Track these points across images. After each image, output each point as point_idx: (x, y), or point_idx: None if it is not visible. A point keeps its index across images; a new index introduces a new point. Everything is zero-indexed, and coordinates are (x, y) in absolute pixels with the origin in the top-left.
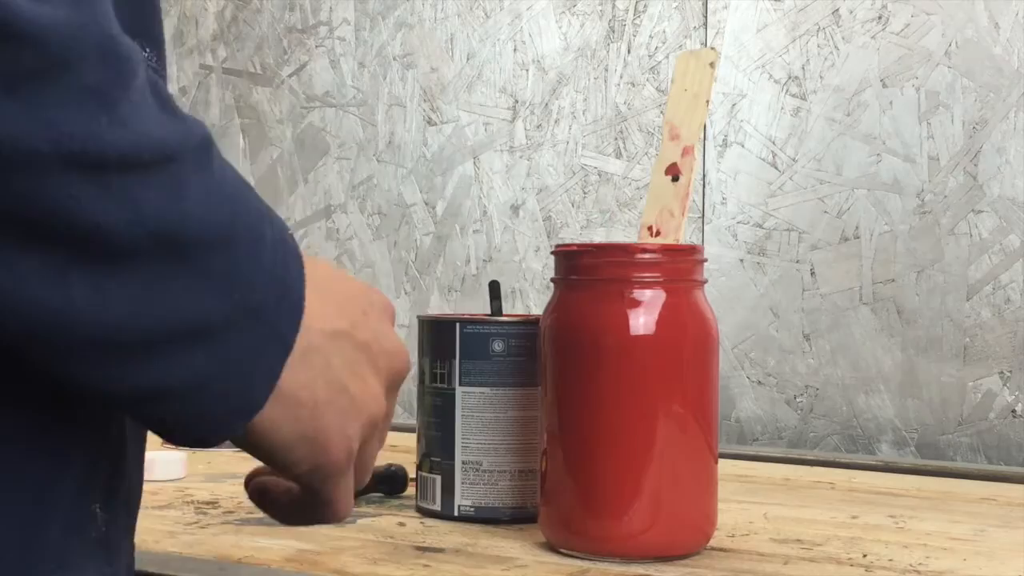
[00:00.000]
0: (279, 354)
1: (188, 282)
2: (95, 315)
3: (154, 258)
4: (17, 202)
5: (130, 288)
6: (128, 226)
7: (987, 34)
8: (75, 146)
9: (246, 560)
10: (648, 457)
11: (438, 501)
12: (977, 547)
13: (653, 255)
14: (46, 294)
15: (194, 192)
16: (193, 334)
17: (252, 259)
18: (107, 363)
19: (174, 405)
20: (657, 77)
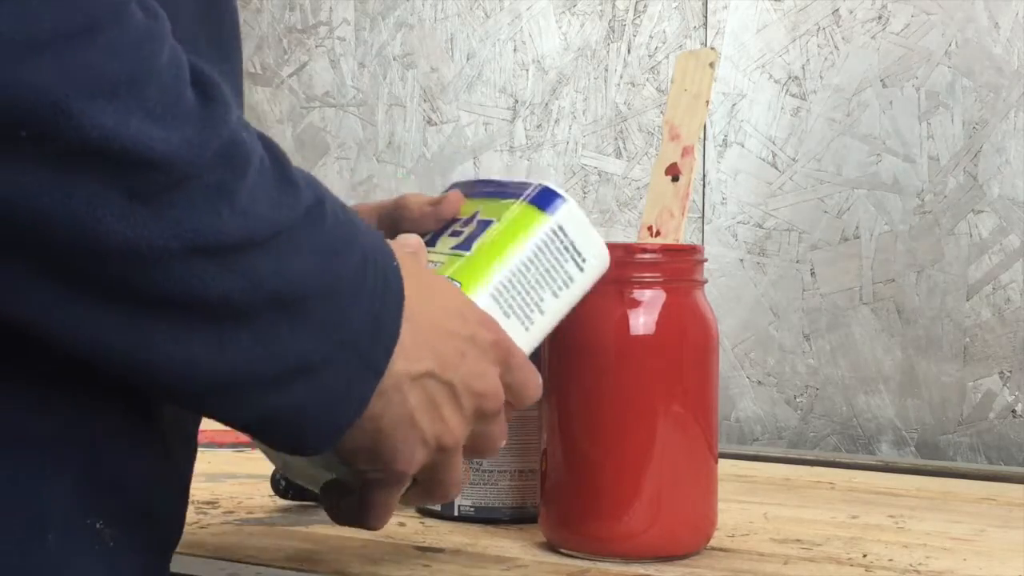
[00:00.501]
0: (370, 383)
1: (295, 331)
2: (213, 367)
3: (266, 316)
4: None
5: (244, 342)
6: (244, 294)
7: (987, 34)
8: (199, 240)
9: (246, 560)
10: (648, 457)
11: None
12: (977, 547)
13: (653, 255)
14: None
15: (302, 254)
16: (295, 372)
17: (353, 303)
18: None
19: (277, 427)
20: (657, 77)
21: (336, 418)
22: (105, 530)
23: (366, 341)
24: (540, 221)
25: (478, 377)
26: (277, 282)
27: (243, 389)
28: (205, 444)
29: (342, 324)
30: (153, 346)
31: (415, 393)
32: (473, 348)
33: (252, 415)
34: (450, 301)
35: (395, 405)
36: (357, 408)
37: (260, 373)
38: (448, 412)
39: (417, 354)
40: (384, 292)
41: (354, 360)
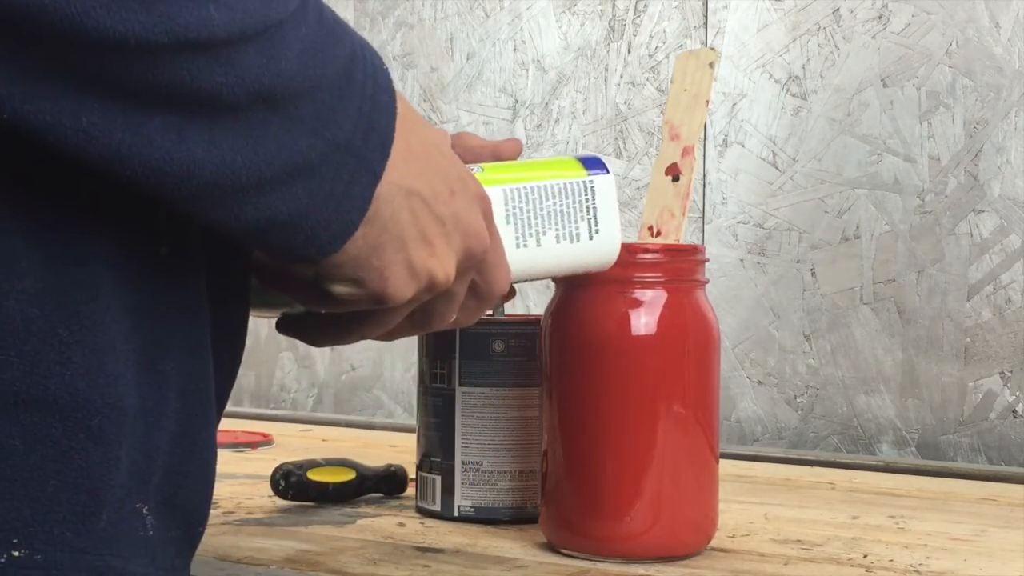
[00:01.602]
0: (369, 182)
1: (285, 128)
2: (210, 163)
3: (255, 111)
4: (142, 80)
5: (237, 138)
6: (232, 87)
7: (988, 34)
8: (189, 33)
9: (246, 560)
10: (649, 457)
11: (438, 501)
12: (978, 547)
13: (654, 255)
14: (169, 148)
15: (289, 50)
16: (293, 171)
17: (341, 100)
18: (223, 202)
19: (282, 233)
20: (657, 77)
21: (340, 217)
22: (148, 516)
23: (359, 140)
24: (577, 171)
25: (468, 217)
26: (265, 77)
27: (241, 189)
28: None
29: (332, 121)
30: (151, 143)
31: (406, 212)
32: (463, 190)
33: (255, 218)
34: (443, 144)
35: (386, 218)
36: (360, 207)
37: (256, 172)
38: (440, 245)
39: (409, 172)
40: (374, 92)
41: (350, 160)
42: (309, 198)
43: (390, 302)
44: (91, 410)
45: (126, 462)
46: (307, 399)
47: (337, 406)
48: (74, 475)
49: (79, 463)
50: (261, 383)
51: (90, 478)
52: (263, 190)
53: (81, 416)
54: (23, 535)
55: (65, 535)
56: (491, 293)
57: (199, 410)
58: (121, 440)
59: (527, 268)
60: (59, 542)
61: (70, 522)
